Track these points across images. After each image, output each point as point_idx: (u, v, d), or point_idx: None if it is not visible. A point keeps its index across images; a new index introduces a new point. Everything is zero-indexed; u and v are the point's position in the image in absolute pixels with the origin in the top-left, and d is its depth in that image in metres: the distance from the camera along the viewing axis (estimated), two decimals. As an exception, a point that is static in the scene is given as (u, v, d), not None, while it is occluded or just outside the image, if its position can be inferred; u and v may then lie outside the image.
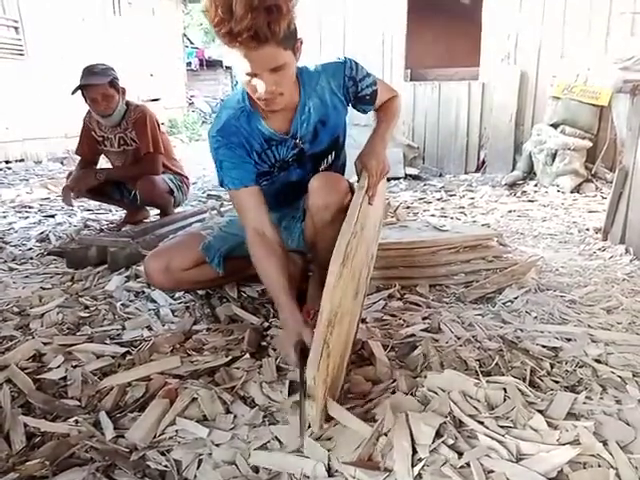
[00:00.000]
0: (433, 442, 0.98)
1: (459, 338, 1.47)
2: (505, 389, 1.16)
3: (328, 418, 1.07)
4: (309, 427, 1.03)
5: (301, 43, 1.30)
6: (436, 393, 1.15)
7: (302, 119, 1.49)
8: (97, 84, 2.66)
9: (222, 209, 3.06)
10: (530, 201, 3.75)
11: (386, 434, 1.00)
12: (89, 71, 2.68)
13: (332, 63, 1.50)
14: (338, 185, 1.45)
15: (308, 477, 0.94)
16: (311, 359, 0.99)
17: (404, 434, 0.99)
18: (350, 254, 1.12)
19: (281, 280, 1.36)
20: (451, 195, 4.02)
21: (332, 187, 1.43)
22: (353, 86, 1.51)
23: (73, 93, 2.72)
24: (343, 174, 1.68)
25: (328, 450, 0.98)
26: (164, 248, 1.77)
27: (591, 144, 4.08)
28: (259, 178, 1.53)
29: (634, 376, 1.25)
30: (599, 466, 0.95)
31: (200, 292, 1.86)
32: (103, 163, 3.20)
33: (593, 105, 4.05)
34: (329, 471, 0.95)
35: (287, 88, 1.32)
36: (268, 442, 1.03)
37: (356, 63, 1.51)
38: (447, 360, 1.34)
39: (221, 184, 1.51)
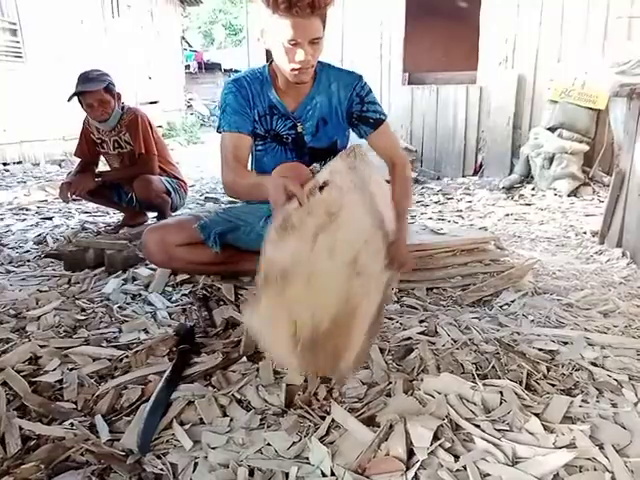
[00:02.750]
0: (430, 445, 0.98)
1: (456, 341, 1.47)
2: (501, 392, 1.16)
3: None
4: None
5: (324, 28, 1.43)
6: (432, 396, 1.15)
7: (308, 108, 1.64)
8: (93, 90, 2.67)
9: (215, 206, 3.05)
10: (527, 204, 3.76)
11: (387, 439, 1.00)
12: (85, 77, 2.69)
13: (349, 74, 1.62)
14: None
15: (303, 478, 0.94)
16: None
17: (401, 438, 0.99)
18: (292, 219, 1.11)
19: (250, 174, 1.54)
20: (449, 198, 4.03)
21: None
22: (359, 104, 1.63)
23: (69, 100, 2.73)
24: None
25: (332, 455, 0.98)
26: (162, 223, 1.90)
27: (588, 148, 4.09)
28: (255, 139, 1.69)
29: (630, 379, 1.25)
30: (595, 470, 0.95)
31: (197, 294, 1.86)
32: (101, 165, 3.20)
33: (590, 109, 4.07)
34: (332, 474, 0.95)
35: (314, 63, 1.47)
36: (263, 447, 1.03)
37: (370, 88, 1.64)
38: (444, 363, 1.34)
39: (218, 128, 1.65)
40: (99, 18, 7.69)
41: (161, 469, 0.98)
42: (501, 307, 1.75)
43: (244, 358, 1.40)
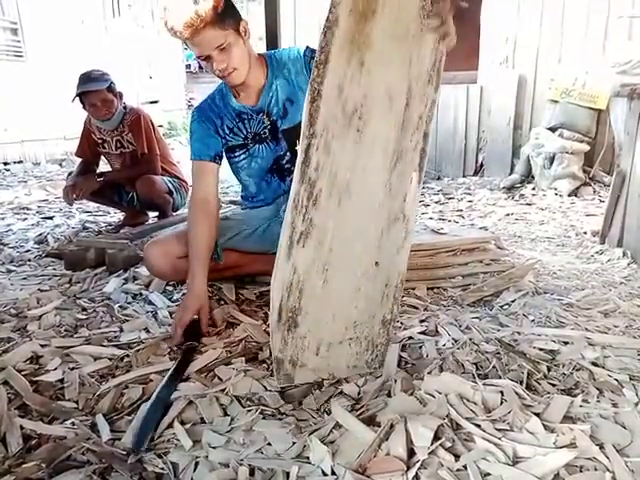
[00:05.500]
0: (431, 444, 0.98)
1: (456, 341, 1.47)
2: (502, 392, 1.16)
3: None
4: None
5: (247, 23, 1.53)
6: (433, 396, 1.15)
7: (270, 96, 1.68)
8: (96, 90, 2.67)
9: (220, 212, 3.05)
10: (528, 204, 3.76)
11: (387, 438, 1.00)
12: (86, 77, 2.69)
13: (292, 49, 1.68)
14: None
15: (304, 477, 0.94)
16: None
17: (401, 437, 0.99)
18: None
19: (203, 250, 1.60)
20: (449, 198, 4.03)
21: None
22: None
23: (72, 100, 2.73)
24: None
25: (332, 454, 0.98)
26: (164, 236, 1.90)
27: (589, 147, 4.09)
28: (235, 151, 1.77)
29: (631, 379, 1.25)
30: (595, 469, 0.95)
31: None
32: (102, 165, 3.20)
33: (591, 109, 4.07)
34: (333, 473, 0.94)
35: (240, 64, 1.53)
36: (263, 447, 1.03)
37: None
38: (444, 363, 1.34)
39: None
40: (100, 17, 7.69)
41: (162, 468, 0.98)
42: (502, 307, 1.75)
43: (245, 357, 1.39)
